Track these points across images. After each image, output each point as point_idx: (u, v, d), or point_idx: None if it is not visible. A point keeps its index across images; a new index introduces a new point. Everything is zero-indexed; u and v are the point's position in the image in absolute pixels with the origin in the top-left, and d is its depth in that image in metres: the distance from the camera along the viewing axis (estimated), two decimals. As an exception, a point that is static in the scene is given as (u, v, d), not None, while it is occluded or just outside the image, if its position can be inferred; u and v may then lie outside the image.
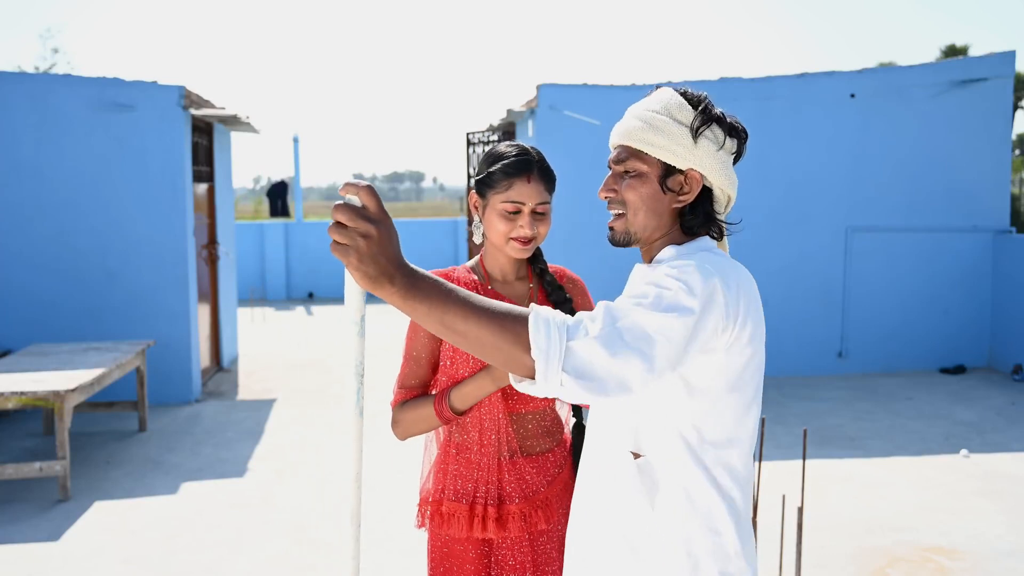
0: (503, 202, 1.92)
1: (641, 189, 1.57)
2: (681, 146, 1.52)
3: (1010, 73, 7.93)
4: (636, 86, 7.77)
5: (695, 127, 1.52)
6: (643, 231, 1.59)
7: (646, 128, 1.55)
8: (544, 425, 2.03)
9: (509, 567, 1.97)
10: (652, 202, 1.57)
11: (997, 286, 8.03)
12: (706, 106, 1.54)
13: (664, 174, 1.55)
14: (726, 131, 1.55)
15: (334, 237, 1.21)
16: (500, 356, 1.28)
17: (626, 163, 1.59)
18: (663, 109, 1.55)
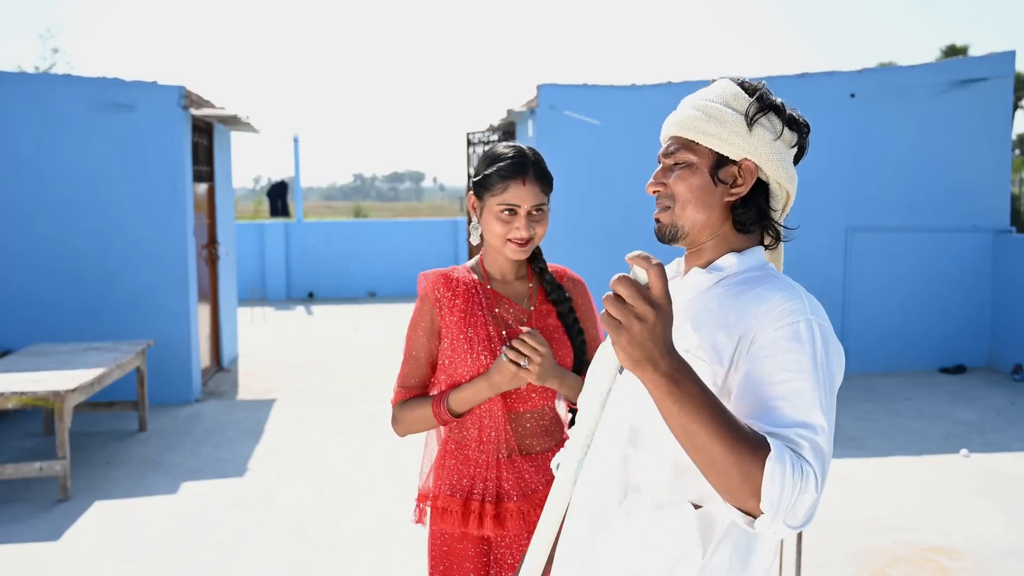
0: (499, 204, 1.93)
1: (691, 180, 1.46)
2: (735, 134, 1.43)
3: (1010, 73, 7.93)
4: (636, 86, 7.77)
5: (750, 114, 1.43)
6: (692, 226, 1.47)
7: (699, 117, 1.46)
8: (543, 424, 2.04)
9: (508, 566, 1.98)
10: (702, 194, 1.45)
11: (997, 286, 8.03)
12: (763, 94, 1.45)
13: (716, 164, 1.45)
14: (785, 122, 1.46)
15: (609, 310, 1.15)
16: (724, 484, 1.18)
17: (676, 155, 1.48)
18: (718, 97, 1.47)
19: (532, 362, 1.87)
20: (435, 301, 2.00)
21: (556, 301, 2.04)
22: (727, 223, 1.47)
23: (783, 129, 1.45)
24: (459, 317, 1.97)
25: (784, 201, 1.49)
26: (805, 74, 7.91)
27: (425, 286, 2.02)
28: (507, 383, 1.90)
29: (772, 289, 1.36)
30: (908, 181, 7.95)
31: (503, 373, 1.89)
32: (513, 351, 1.88)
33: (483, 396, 1.93)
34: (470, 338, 1.95)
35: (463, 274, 2.04)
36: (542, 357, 1.87)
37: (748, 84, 1.48)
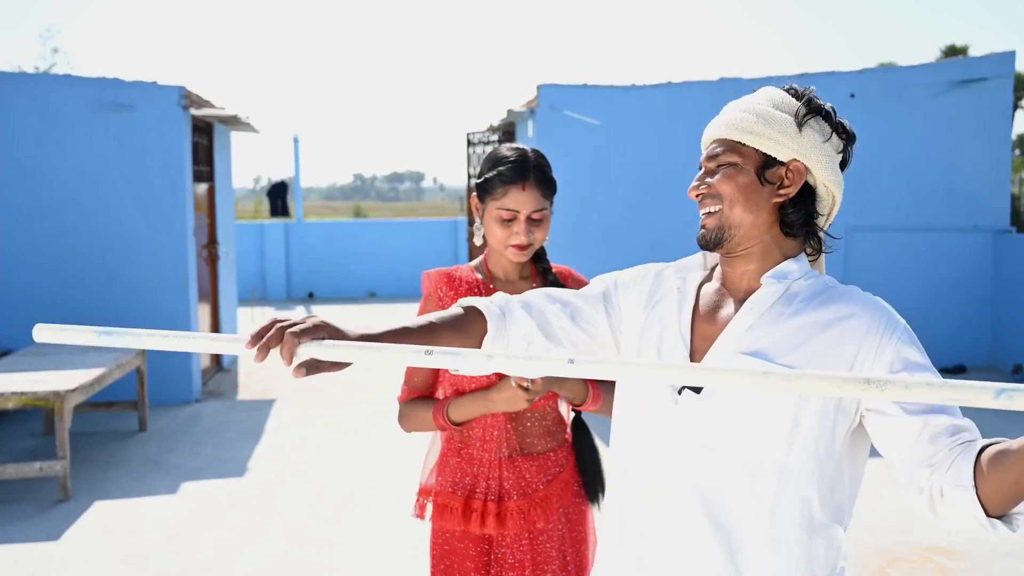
0: (498, 208, 1.93)
1: (737, 179, 1.42)
2: (784, 134, 1.41)
3: (1010, 73, 7.93)
4: (636, 86, 7.77)
5: (800, 114, 1.42)
6: (739, 227, 1.42)
7: (747, 118, 1.43)
8: (545, 424, 2.03)
9: (508, 565, 1.98)
10: (749, 193, 1.41)
11: (997, 286, 8.03)
12: (812, 97, 1.44)
13: (763, 165, 1.42)
14: (833, 127, 1.46)
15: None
16: None
17: (720, 156, 1.45)
18: (766, 100, 1.45)
19: (535, 381, 1.86)
20: (438, 300, 2.00)
21: None
22: (775, 226, 1.43)
23: (831, 134, 1.46)
24: None
25: (830, 207, 1.49)
26: (805, 74, 7.91)
27: (429, 285, 2.02)
28: (504, 405, 1.90)
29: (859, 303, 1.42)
30: (908, 181, 7.95)
31: (502, 393, 1.89)
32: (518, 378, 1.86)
33: (480, 412, 1.94)
34: None
35: (466, 273, 2.04)
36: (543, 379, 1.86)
37: (796, 89, 1.47)
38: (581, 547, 2.07)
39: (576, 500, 2.07)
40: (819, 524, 1.37)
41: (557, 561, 2.01)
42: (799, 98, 1.45)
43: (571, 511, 2.06)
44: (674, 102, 7.66)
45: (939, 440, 1.30)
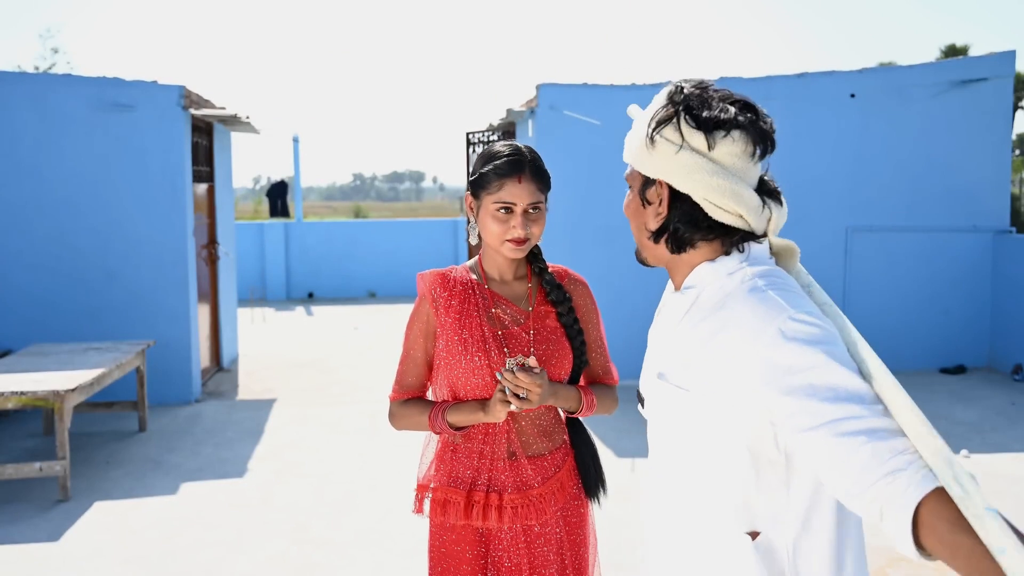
0: (494, 203, 1.92)
1: (630, 204, 1.43)
2: (643, 153, 1.35)
3: (1010, 73, 7.92)
4: (636, 86, 7.76)
5: (649, 130, 1.33)
6: (640, 247, 1.44)
7: (629, 135, 1.42)
8: (542, 425, 2.03)
9: (505, 569, 1.97)
10: (637, 216, 1.42)
11: (997, 286, 8.03)
12: (674, 98, 1.33)
13: (643, 185, 1.38)
14: (698, 125, 1.30)
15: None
16: None
17: (626, 176, 1.45)
18: (647, 109, 1.39)
19: (531, 392, 1.86)
20: (432, 301, 2.00)
21: (556, 302, 2.03)
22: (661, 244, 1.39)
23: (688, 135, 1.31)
24: (455, 318, 1.97)
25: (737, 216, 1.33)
26: (805, 74, 7.91)
27: (423, 286, 2.02)
28: (502, 416, 1.91)
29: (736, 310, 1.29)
30: (908, 181, 7.95)
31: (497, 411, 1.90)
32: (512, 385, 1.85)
33: (478, 421, 1.95)
34: (465, 339, 1.95)
35: (461, 274, 2.03)
36: (540, 387, 1.86)
37: (676, 87, 1.36)
38: (580, 550, 2.07)
39: (575, 503, 2.06)
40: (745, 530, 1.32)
41: (555, 564, 2.00)
42: (670, 100, 1.35)
43: (569, 513, 2.05)
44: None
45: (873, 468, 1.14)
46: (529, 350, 1.96)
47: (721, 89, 1.36)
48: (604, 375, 2.13)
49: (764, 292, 1.28)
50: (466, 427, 1.99)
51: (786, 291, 1.29)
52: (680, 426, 1.36)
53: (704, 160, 1.31)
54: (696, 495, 1.36)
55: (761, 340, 1.23)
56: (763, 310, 1.25)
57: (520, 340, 1.97)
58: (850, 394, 1.16)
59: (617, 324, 7.47)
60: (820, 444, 1.16)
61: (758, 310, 1.26)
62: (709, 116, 1.30)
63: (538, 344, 1.97)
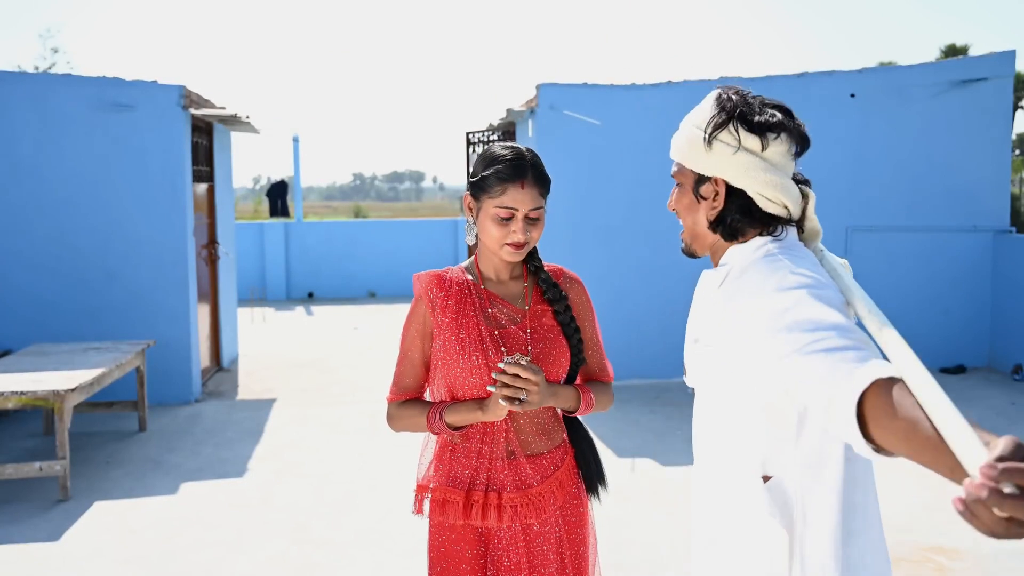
0: (496, 207, 1.92)
1: (682, 200, 1.61)
2: (700, 152, 1.53)
3: (1010, 73, 7.92)
4: (636, 86, 7.76)
5: (707, 132, 1.52)
6: (691, 239, 1.63)
7: (679, 137, 1.58)
8: (540, 424, 2.03)
9: (505, 568, 1.97)
10: (693, 210, 1.59)
11: (997, 286, 8.03)
12: (726, 105, 1.52)
13: (696, 183, 1.57)
14: (751, 128, 1.50)
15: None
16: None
17: (674, 174, 1.62)
18: (696, 115, 1.57)
19: (530, 393, 1.86)
20: (428, 302, 2.00)
21: (552, 300, 2.03)
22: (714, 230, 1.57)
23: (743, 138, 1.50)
24: (451, 318, 1.97)
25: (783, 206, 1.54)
26: (805, 74, 7.90)
27: (419, 287, 2.02)
28: (491, 415, 1.92)
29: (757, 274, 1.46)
30: (908, 181, 7.95)
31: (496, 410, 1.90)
32: (508, 388, 1.86)
33: (473, 421, 1.96)
34: (462, 339, 1.95)
35: (457, 274, 2.03)
36: (537, 385, 1.87)
37: (722, 94, 1.54)
38: (580, 549, 2.07)
39: (574, 501, 2.06)
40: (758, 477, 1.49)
41: (555, 563, 2.00)
42: (720, 105, 1.53)
43: (569, 513, 2.05)
44: (674, 102, 7.63)
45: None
46: (526, 349, 1.96)
47: (758, 95, 1.57)
48: (600, 372, 2.14)
49: (775, 256, 1.48)
50: (464, 427, 1.99)
51: (794, 256, 1.47)
52: (710, 383, 1.55)
53: (758, 159, 1.52)
54: (722, 444, 1.53)
55: (764, 292, 1.40)
56: (769, 270, 1.44)
57: (517, 339, 1.97)
58: (826, 324, 1.27)
59: (617, 324, 7.48)
60: (795, 366, 1.26)
61: (765, 270, 1.45)
62: (761, 120, 1.51)
63: (535, 343, 1.98)
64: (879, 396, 1.11)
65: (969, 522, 0.89)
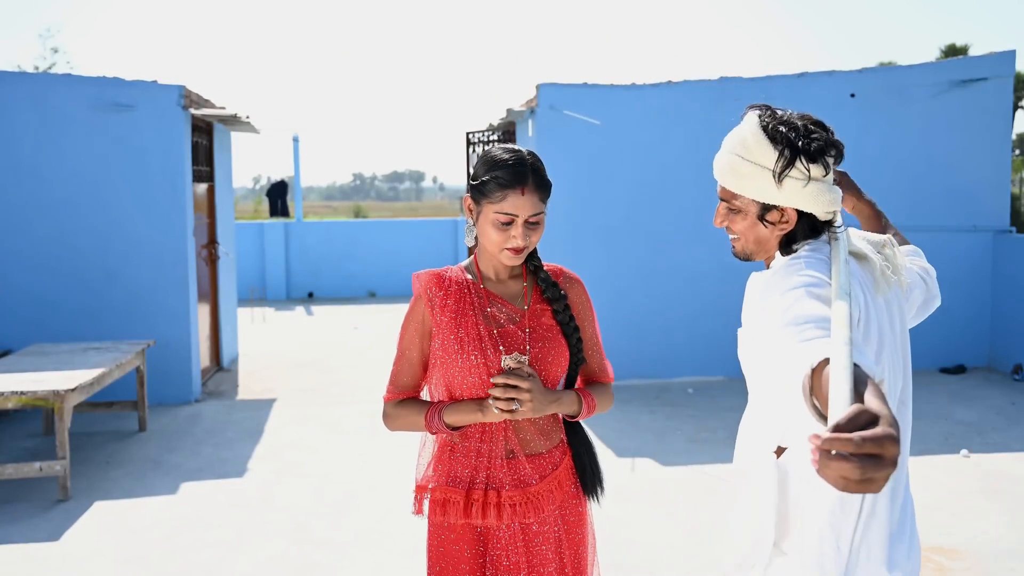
0: (496, 212, 1.91)
1: (744, 223, 1.73)
2: (768, 190, 1.64)
3: (1010, 73, 7.92)
4: (636, 86, 7.76)
5: (777, 172, 1.62)
6: (754, 253, 1.77)
7: (734, 175, 1.68)
8: (539, 424, 2.03)
9: (504, 568, 1.97)
10: (755, 233, 1.73)
11: (997, 286, 8.03)
12: (786, 146, 1.61)
13: (762, 210, 1.69)
14: (813, 159, 1.61)
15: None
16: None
17: (728, 201, 1.74)
18: (747, 152, 1.65)
19: (524, 401, 1.88)
20: (428, 301, 1.99)
21: (551, 300, 2.03)
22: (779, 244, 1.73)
23: (811, 170, 1.62)
24: (450, 317, 1.97)
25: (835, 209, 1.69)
26: (805, 74, 7.90)
27: (418, 286, 2.02)
28: (501, 415, 1.92)
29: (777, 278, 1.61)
30: (908, 181, 7.95)
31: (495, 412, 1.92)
32: (503, 400, 1.88)
33: (472, 421, 1.96)
34: (461, 338, 1.95)
35: (456, 274, 2.03)
36: (531, 392, 1.88)
37: (773, 129, 1.63)
38: (579, 549, 2.07)
39: (573, 501, 2.06)
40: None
41: (553, 563, 2.00)
42: (776, 141, 1.62)
43: (567, 512, 2.05)
44: (674, 102, 7.66)
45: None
46: (525, 348, 1.96)
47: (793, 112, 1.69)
48: (600, 373, 2.14)
49: (797, 258, 1.63)
50: (463, 427, 1.99)
51: (810, 259, 1.62)
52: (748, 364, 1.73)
53: (822, 184, 1.65)
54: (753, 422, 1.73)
55: (778, 291, 1.55)
56: (786, 272, 1.59)
57: (516, 338, 1.97)
58: (811, 317, 1.43)
59: (618, 323, 7.48)
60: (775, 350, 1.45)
61: (785, 273, 1.60)
62: (818, 147, 1.62)
63: (534, 342, 1.97)
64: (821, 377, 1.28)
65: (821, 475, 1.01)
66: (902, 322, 1.76)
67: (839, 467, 0.98)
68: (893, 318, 1.73)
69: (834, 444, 0.98)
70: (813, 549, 1.61)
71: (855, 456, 0.97)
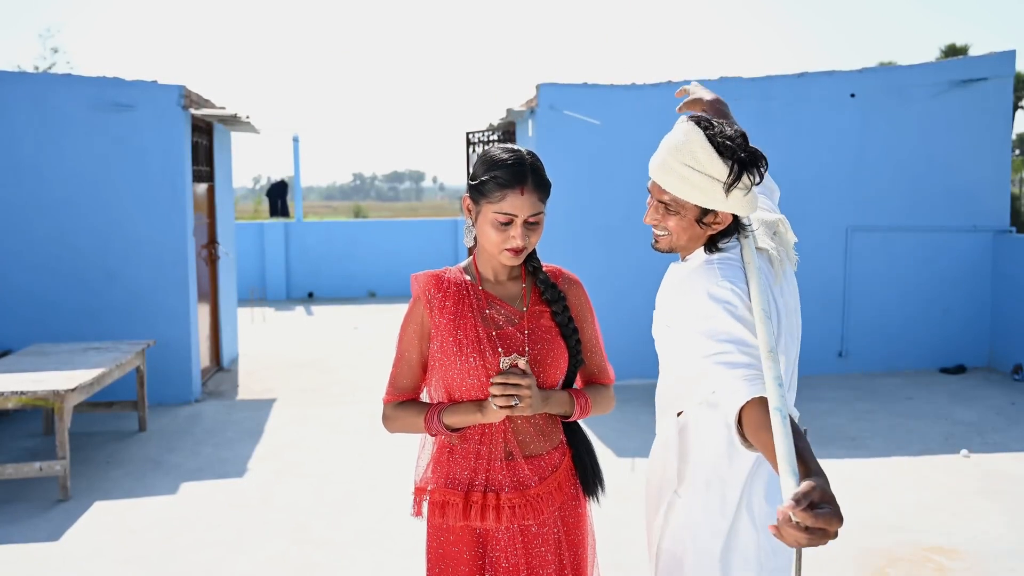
0: (495, 212, 1.91)
1: (680, 223, 1.88)
2: (715, 199, 1.80)
3: (1010, 73, 7.92)
4: (636, 86, 7.76)
5: (727, 184, 1.78)
6: (684, 250, 1.96)
7: (684, 183, 1.81)
8: (539, 425, 2.02)
9: (503, 569, 1.97)
10: (690, 232, 1.89)
11: (997, 286, 8.03)
12: (725, 151, 1.77)
13: (701, 214, 1.85)
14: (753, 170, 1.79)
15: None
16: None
17: (666, 203, 1.88)
18: (697, 164, 1.78)
19: (523, 398, 1.88)
20: (426, 303, 1.99)
21: (550, 301, 2.03)
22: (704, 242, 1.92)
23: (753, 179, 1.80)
24: (449, 319, 1.97)
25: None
26: (805, 74, 7.91)
27: (417, 288, 2.01)
28: (501, 416, 1.93)
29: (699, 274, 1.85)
30: (908, 181, 7.95)
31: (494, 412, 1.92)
32: (502, 398, 1.88)
33: (472, 422, 1.97)
34: (459, 339, 1.95)
35: (455, 275, 2.03)
36: (530, 390, 1.89)
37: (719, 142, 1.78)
38: (579, 550, 2.07)
39: (572, 502, 2.06)
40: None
41: (553, 564, 2.00)
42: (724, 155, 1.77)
43: (567, 513, 2.05)
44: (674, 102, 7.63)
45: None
46: (524, 350, 1.96)
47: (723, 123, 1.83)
48: (600, 374, 2.13)
49: (711, 264, 1.85)
50: (463, 428, 1.99)
51: (725, 267, 1.83)
52: (659, 344, 2.01)
53: (757, 190, 1.86)
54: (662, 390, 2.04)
55: (696, 295, 1.81)
56: (703, 277, 1.83)
57: (515, 340, 1.97)
58: (732, 337, 1.70)
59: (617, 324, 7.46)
60: (706, 366, 1.72)
61: (701, 277, 1.83)
62: (754, 159, 1.80)
63: (532, 344, 1.97)
64: (750, 413, 1.58)
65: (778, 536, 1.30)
66: (795, 295, 1.98)
67: (795, 535, 1.27)
68: (788, 296, 1.96)
69: (797, 515, 1.26)
70: (700, 494, 1.92)
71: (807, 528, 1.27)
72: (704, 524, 1.91)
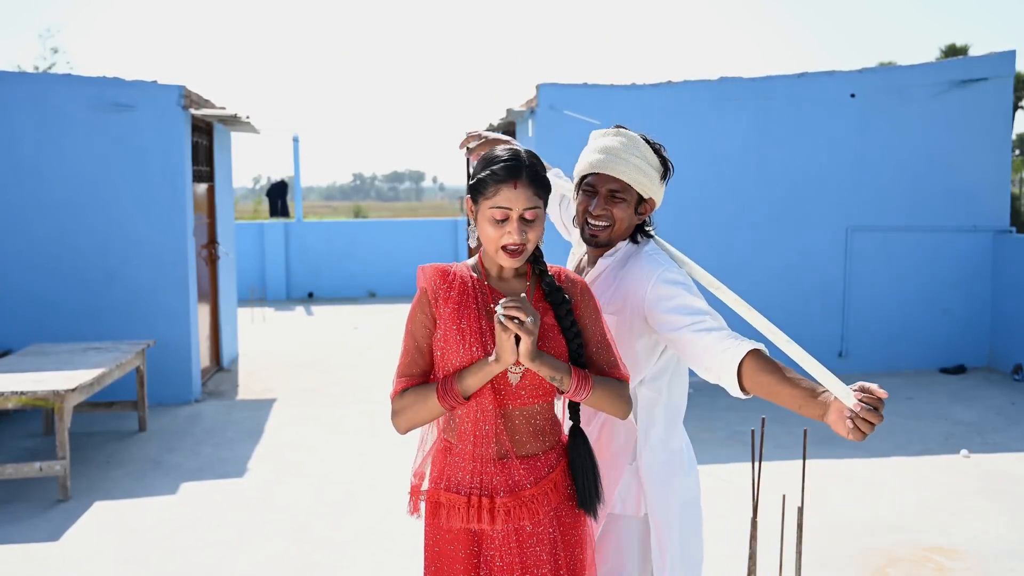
0: (491, 208, 1.91)
1: (626, 212, 2.25)
2: (654, 186, 2.26)
3: (1010, 73, 7.92)
4: (636, 86, 7.77)
5: (663, 174, 2.28)
6: (615, 240, 2.29)
7: (636, 171, 2.22)
8: (535, 423, 2.01)
9: (497, 569, 1.96)
10: (629, 220, 2.27)
11: (997, 286, 8.03)
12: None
13: (638, 202, 2.26)
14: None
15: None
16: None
17: (617, 193, 2.23)
18: (642, 155, 2.24)
19: (524, 322, 1.82)
20: (432, 292, 1.99)
21: (554, 303, 2.02)
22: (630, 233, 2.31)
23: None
24: (453, 309, 1.97)
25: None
26: (805, 74, 7.91)
27: (423, 279, 2.02)
28: (510, 351, 1.85)
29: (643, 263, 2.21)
30: (908, 181, 7.95)
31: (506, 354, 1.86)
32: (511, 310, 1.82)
33: (492, 372, 1.90)
34: (462, 329, 1.94)
35: (461, 269, 2.03)
36: (533, 318, 1.83)
37: (652, 142, 2.28)
38: (576, 550, 2.05)
39: (569, 503, 2.05)
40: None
41: (548, 564, 1.99)
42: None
43: (563, 513, 2.03)
44: (674, 102, 7.66)
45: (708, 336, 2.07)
46: None
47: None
48: (610, 369, 2.04)
49: (650, 255, 2.23)
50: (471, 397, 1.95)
51: (659, 255, 2.24)
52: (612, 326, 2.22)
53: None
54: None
55: (650, 281, 2.16)
56: (649, 266, 2.19)
57: None
58: (699, 310, 2.10)
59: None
60: (685, 337, 2.08)
61: (646, 265, 2.20)
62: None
63: None
64: (750, 362, 1.97)
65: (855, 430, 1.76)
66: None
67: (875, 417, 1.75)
68: None
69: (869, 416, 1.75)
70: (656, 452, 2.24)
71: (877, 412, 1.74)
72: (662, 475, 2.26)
